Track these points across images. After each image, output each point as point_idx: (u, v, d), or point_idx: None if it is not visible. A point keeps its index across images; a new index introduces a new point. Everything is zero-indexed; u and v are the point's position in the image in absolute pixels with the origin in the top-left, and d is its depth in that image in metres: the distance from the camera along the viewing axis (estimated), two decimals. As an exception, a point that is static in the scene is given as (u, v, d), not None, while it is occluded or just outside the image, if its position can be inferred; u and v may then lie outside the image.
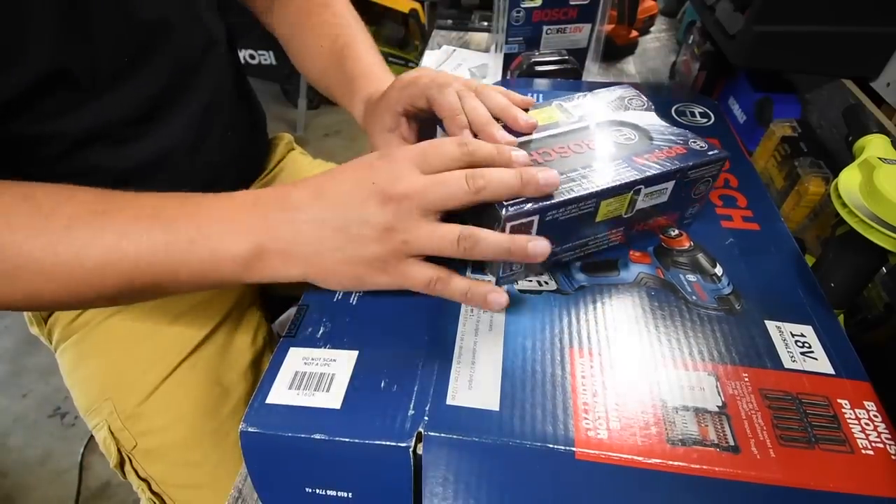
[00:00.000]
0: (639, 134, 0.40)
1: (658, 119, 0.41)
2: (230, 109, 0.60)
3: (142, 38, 0.47)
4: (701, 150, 0.38)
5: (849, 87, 0.57)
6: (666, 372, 0.31)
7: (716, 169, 0.38)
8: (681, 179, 0.37)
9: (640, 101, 0.43)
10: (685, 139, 0.39)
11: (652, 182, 0.36)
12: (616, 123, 0.41)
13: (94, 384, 0.55)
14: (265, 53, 2.14)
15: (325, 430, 0.29)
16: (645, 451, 0.27)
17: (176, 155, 0.53)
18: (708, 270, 0.37)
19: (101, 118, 0.46)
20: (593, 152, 0.38)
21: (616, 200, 0.36)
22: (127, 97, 0.47)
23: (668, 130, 0.40)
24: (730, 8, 0.58)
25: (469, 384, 0.30)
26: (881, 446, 0.28)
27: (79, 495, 1.19)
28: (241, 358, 0.60)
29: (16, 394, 1.38)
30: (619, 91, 0.45)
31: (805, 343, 0.33)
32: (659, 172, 0.36)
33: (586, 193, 0.34)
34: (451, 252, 0.32)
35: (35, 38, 0.39)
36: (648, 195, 0.37)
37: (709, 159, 0.37)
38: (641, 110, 0.42)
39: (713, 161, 0.37)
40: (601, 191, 0.34)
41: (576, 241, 0.37)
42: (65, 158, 0.46)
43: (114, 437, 0.53)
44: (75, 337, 0.56)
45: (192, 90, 0.54)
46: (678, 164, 0.36)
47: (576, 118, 0.42)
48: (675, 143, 0.38)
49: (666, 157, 0.37)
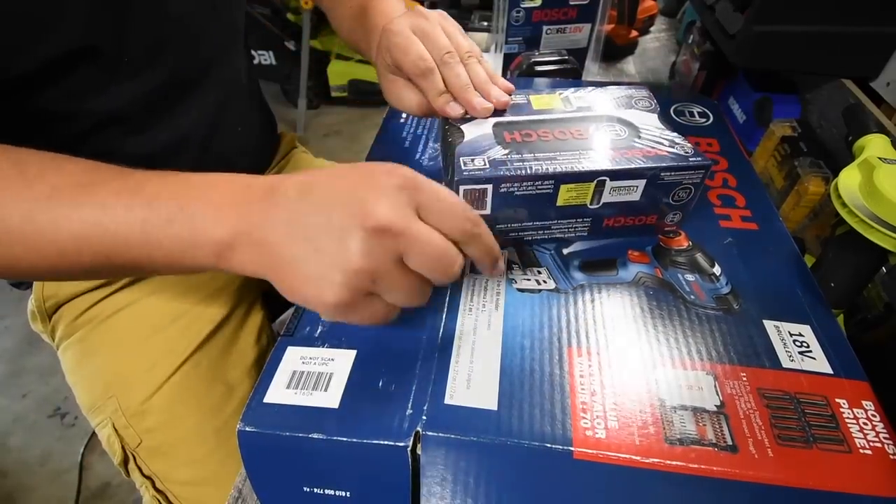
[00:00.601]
0: (629, 131, 0.40)
1: (657, 121, 0.41)
2: (243, 104, 0.61)
3: (170, 28, 0.48)
4: (682, 155, 0.37)
5: (849, 87, 0.57)
6: (664, 371, 0.31)
7: (697, 176, 0.37)
8: (653, 180, 0.37)
9: (648, 102, 0.44)
10: (672, 143, 0.38)
11: (618, 176, 0.36)
12: (612, 119, 0.41)
13: (97, 382, 0.55)
14: (265, 53, 2.15)
15: (323, 430, 0.29)
16: (643, 451, 0.27)
17: (189, 145, 0.54)
18: (706, 270, 0.37)
19: (121, 101, 0.47)
20: (575, 141, 0.38)
21: (578, 188, 0.36)
22: (148, 83, 0.48)
23: (660, 133, 0.40)
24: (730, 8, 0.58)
25: (467, 383, 0.30)
26: (879, 446, 0.27)
27: (79, 495, 1.19)
28: (246, 356, 0.60)
29: (16, 394, 1.38)
30: (631, 90, 0.45)
31: (803, 342, 0.33)
32: (625, 168, 0.36)
33: (543, 173, 0.35)
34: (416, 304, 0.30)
35: (72, 12, 0.40)
36: (616, 190, 0.37)
37: (687, 164, 0.36)
38: (646, 111, 0.42)
39: (692, 167, 0.37)
40: (559, 173, 0.35)
41: (536, 221, 0.38)
42: (83, 140, 0.47)
43: (118, 434, 0.53)
44: (78, 334, 0.56)
45: (210, 82, 0.54)
46: (650, 164, 0.36)
47: (574, 108, 0.42)
48: (659, 144, 0.38)
49: (642, 156, 0.37)
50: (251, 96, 0.65)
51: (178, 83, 0.51)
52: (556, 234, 0.39)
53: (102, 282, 0.55)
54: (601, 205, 0.38)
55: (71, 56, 0.42)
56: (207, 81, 0.54)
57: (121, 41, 0.44)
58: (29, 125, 0.44)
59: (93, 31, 0.42)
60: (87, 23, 0.41)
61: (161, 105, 0.50)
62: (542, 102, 0.43)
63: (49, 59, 0.41)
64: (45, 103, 0.43)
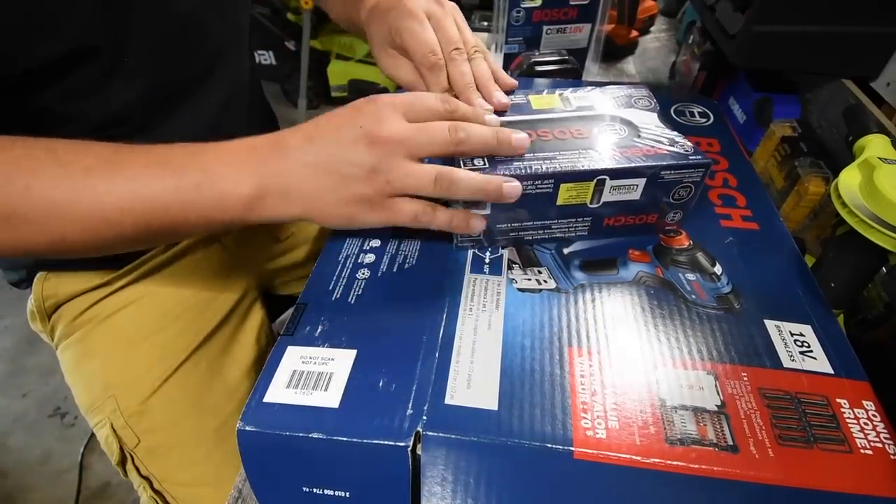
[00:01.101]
0: (628, 130, 0.40)
1: (657, 120, 0.41)
2: (245, 104, 0.61)
3: (173, 29, 0.48)
4: (682, 154, 0.37)
5: (849, 87, 0.57)
6: (665, 371, 0.31)
7: (698, 175, 0.37)
8: (654, 179, 0.37)
9: (648, 102, 0.43)
10: (672, 141, 0.38)
11: (618, 175, 0.36)
12: (612, 118, 0.41)
13: (96, 381, 0.55)
14: (265, 53, 2.15)
15: (323, 430, 0.29)
16: (643, 451, 0.27)
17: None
18: (707, 269, 0.37)
19: (120, 102, 0.47)
20: (574, 141, 0.38)
21: (577, 187, 0.36)
22: (150, 84, 0.48)
23: (660, 131, 0.39)
24: (730, 8, 0.58)
25: (468, 383, 0.30)
26: (880, 446, 0.27)
27: (79, 495, 1.19)
28: (245, 356, 0.60)
29: (16, 394, 1.38)
30: (630, 90, 0.45)
31: (804, 342, 0.33)
32: (625, 167, 0.36)
33: (543, 172, 0.35)
34: (430, 190, 0.35)
35: (78, 12, 0.40)
36: (616, 189, 0.37)
37: (687, 163, 0.36)
38: (645, 110, 0.42)
39: (692, 166, 0.37)
40: (559, 173, 0.35)
41: (536, 220, 0.38)
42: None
43: (116, 434, 0.53)
44: (78, 334, 0.56)
45: (214, 82, 0.54)
46: (651, 163, 0.36)
47: (573, 108, 0.42)
48: (660, 143, 0.38)
49: (642, 155, 0.37)
50: (253, 96, 0.65)
51: (180, 84, 0.51)
52: (556, 234, 0.39)
53: (102, 281, 0.55)
54: (601, 204, 0.38)
55: (70, 56, 0.42)
56: (212, 81, 0.54)
57: (121, 41, 0.44)
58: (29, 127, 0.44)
59: (93, 31, 0.42)
60: (89, 23, 0.41)
61: (163, 105, 0.50)
62: (542, 102, 0.43)
63: (50, 59, 0.41)
64: (47, 103, 0.43)
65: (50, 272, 0.55)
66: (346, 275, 0.38)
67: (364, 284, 0.37)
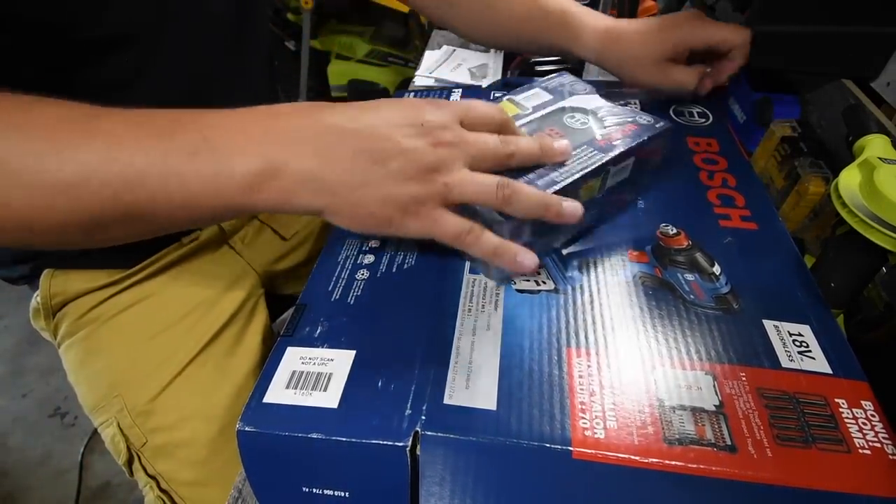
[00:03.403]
0: (590, 117, 0.41)
1: (602, 100, 0.43)
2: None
3: (207, 29, 0.48)
4: (649, 124, 0.40)
5: (849, 87, 0.57)
6: (663, 371, 0.31)
7: (664, 141, 0.40)
8: (640, 155, 0.39)
9: (582, 85, 0.45)
10: (633, 116, 0.41)
11: (618, 160, 0.38)
12: (567, 110, 0.42)
13: (102, 381, 0.55)
14: (266, 54, 2.15)
15: (323, 430, 0.29)
16: (642, 451, 0.27)
17: None
18: (706, 269, 0.37)
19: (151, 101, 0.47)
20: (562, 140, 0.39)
21: (591, 184, 0.37)
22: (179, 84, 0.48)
23: (614, 110, 0.42)
24: (729, 8, 0.59)
25: (466, 384, 0.30)
26: (878, 446, 0.27)
27: (79, 495, 1.19)
28: (251, 356, 0.60)
29: (16, 394, 1.39)
30: (559, 79, 0.47)
31: (803, 342, 0.33)
32: (623, 151, 0.38)
33: (574, 181, 0.36)
34: (491, 200, 0.32)
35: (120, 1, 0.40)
36: (616, 174, 0.39)
37: (658, 132, 0.40)
38: (585, 94, 0.44)
39: (662, 133, 0.40)
40: (584, 176, 0.36)
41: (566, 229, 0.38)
42: None
43: (123, 434, 0.53)
44: (82, 333, 0.56)
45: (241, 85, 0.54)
46: (637, 141, 0.38)
47: (529, 109, 0.43)
48: (626, 121, 0.40)
49: (623, 136, 0.39)
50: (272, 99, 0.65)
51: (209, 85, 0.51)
52: (573, 232, 0.40)
53: (110, 280, 0.55)
54: (603, 193, 0.39)
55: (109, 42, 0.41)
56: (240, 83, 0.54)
57: (157, 34, 0.44)
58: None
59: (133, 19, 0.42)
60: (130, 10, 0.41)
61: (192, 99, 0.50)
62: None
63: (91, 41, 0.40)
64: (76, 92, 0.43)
65: (57, 269, 0.55)
66: (346, 275, 0.38)
67: (363, 285, 0.37)
